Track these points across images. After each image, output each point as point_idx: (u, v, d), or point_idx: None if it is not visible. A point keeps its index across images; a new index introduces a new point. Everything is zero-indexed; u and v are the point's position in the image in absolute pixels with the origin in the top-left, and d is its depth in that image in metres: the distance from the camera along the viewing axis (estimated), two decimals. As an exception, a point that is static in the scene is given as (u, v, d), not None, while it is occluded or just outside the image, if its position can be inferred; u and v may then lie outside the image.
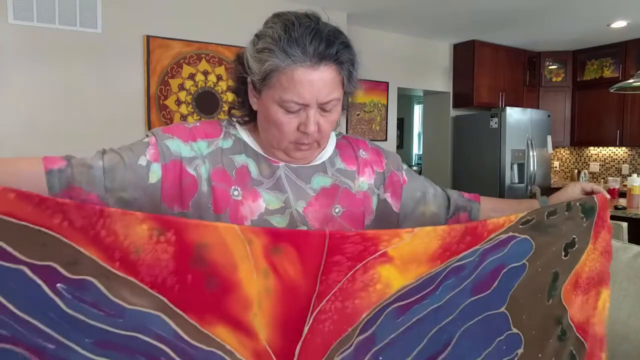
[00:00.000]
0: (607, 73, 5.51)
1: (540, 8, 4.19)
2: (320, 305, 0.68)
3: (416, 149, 8.29)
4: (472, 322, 0.76)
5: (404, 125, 8.27)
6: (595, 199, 0.84)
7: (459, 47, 5.50)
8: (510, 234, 0.77)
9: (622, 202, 3.93)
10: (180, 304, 0.62)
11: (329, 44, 0.82)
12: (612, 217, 3.43)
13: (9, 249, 0.55)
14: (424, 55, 5.34)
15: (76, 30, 3.19)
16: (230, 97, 0.99)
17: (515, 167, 5.16)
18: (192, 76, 3.62)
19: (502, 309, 0.77)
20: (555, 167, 6.45)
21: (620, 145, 5.50)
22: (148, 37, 3.42)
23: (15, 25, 2.99)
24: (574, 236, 0.80)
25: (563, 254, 0.80)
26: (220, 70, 3.73)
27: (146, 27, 3.43)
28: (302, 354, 0.67)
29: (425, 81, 5.42)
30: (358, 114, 4.87)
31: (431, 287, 0.73)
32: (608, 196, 0.87)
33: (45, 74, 3.08)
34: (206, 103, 3.68)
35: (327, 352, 0.68)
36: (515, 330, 0.78)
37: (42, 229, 0.56)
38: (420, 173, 6.93)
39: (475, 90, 5.34)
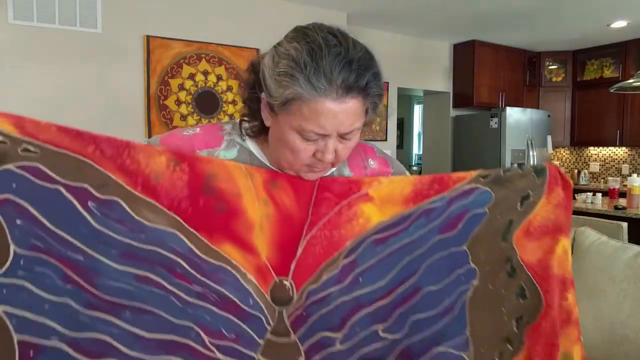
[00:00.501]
0: (607, 73, 5.51)
1: (540, 8, 4.19)
2: (312, 232, 0.80)
3: (416, 149, 8.29)
4: (437, 255, 0.89)
5: (404, 125, 8.26)
6: (545, 165, 0.97)
7: (459, 47, 5.50)
8: (473, 185, 0.90)
9: (622, 202, 3.93)
10: (193, 224, 0.72)
11: (358, 76, 0.75)
12: (612, 217, 3.44)
13: (48, 171, 0.64)
14: (424, 55, 5.34)
15: (76, 30, 3.19)
16: (230, 97, 0.97)
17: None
18: (192, 76, 3.62)
19: (464, 247, 0.90)
20: (555, 167, 6.45)
21: (620, 145, 5.50)
22: (148, 37, 3.42)
23: (15, 25, 2.99)
24: (529, 191, 0.93)
25: (519, 205, 0.92)
26: (220, 70, 3.73)
27: (146, 27, 3.43)
28: (296, 270, 0.79)
29: (425, 81, 5.42)
30: (358, 114, 4.87)
31: (404, 225, 0.86)
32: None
33: (45, 74, 3.08)
34: (206, 103, 3.68)
35: (317, 270, 0.80)
36: (472, 265, 0.91)
37: (78, 156, 0.65)
38: (420, 173, 6.93)
39: (475, 90, 5.34)
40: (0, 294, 0.62)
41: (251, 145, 0.90)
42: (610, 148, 5.85)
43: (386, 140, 5.08)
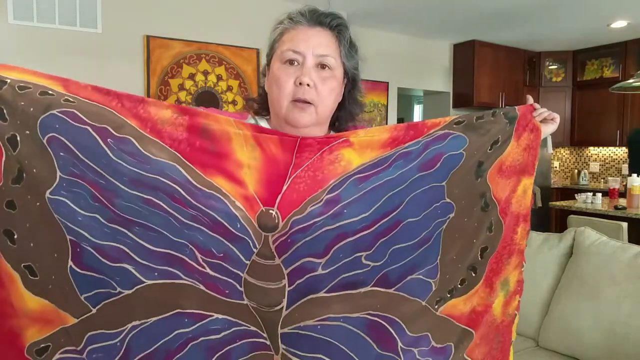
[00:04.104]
0: (607, 73, 5.51)
1: (540, 8, 4.19)
2: (296, 172, 0.90)
3: (416, 149, 8.28)
4: (418, 190, 0.96)
5: (404, 125, 8.25)
6: (517, 109, 1.06)
7: (459, 47, 5.50)
8: (446, 130, 0.98)
9: (622, 202, 3.93)
10: (190, 159, 0.86)
11: (326, 15, 0.98)
12: (612, 217, 3.44)
13: (80, 115, 0.81)
14: (424, 55, 5.34)
15: (76, 30, 3.19)
16: (230, 97, 1.06)
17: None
18: (192, 76, 3.62)
19: (443, 183, 0.98)
20: (555, 167, 6.45)
21: (620, 145, 5.50)
22: (148, 37, 3.43)
23: (15, 25, 3.00)
24: (499, 135, 1.03)
25: (489, 147, 1.02)
26: (220, 70, 3.73)
27: (146, 27, 3.43)
28: (281, 202, 0.88)
29: (425, 81, 5.42)
30: (358, 114, 4.87)
31: (384, 166, 0.94)
32: (536, 105, 1.09)
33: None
34: (206, 103, 3.68)
35: (302, 204, 0.89)
36: (448, 200, 0.99)
37: (104, 106, 0.84)
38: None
39: (475, 90, 5.35)
40: (53, 205, 0.81)
41: (262, 123, 1.06)
42: (610, 148, 5.85)
43: (386, 140, 5.08)
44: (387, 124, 5.09)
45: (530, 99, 1.12)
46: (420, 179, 0.96)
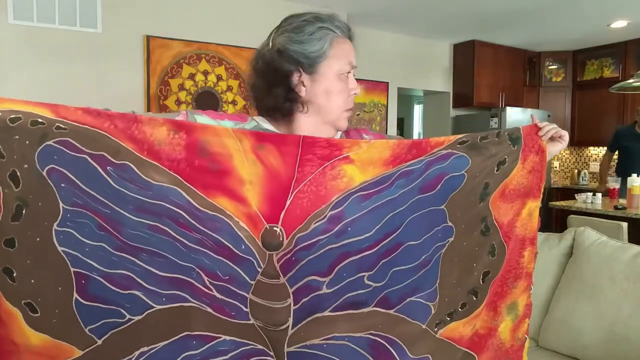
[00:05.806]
0: (607, 73, 5.51)
1: (540, 8, 4.18)
2: (299, 187, 0.88)
3: (416, 149, 8.26)
4: (418, 213, 0.96)
5: (404, 125, 8.26)
6: (521, 130, 1.04)
7: (459, 47, 5.49)
8: (450, 150, 0.98)
9: (622, 202, 3.93)
10: (190, 180, 0.84)
11: (348, 25, 1.03)
12: (612, 217, 3.44)
13: (76, 143, 0.79)
14: (424, 55, 5.33)
15: (76, 30, 3.19)
16: (230, 97, 1.06)
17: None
18: (192, 76, 3.62)
19: (442, 207, 0.97)
20: (555, 167, 6.44)
21: (620, 145, 5.49)
22: (148, 37, 3.42)
23: (15, 25, 2.99)
24: (505, 156, 1.01)
25: (496, 169, 1.00)
26: (220, 70, 3.73)
27: (146, 27, 3.43)
28: (285, 218, 0.87)
29: (425, 81, 5.42)
30: (358, 114, 4.87)
31: (386, 184, 0.93)
32: (540, 125, 1.06)
33: (45, 74, 3.08)
34: (206, 103, 3.68)
35: (306, 220, 0.88)
36: (450, 223, 0.98)
37: (97, 130, 0.80)
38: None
39: (475, 90, 5.34)
40: (59, 238, 0.80)
41: (265, 123, 1.04)
42: (610, 148, 5.84)
43: (386, 140, 5.07)
44: (387, 124, 5.08)
45: (535, 119, 1.10)
46: (420, 201, 0.96)
